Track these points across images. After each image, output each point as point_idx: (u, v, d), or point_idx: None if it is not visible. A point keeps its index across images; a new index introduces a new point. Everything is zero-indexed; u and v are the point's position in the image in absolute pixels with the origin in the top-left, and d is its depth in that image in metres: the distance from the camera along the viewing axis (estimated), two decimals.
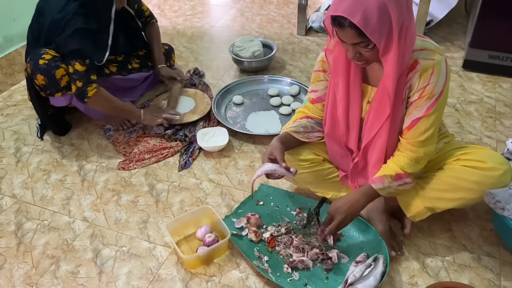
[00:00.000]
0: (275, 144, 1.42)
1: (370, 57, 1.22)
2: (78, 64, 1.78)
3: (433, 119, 1.29)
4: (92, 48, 1.82)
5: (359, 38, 1.15)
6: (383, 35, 1.13)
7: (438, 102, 1.27)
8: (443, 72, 1.25)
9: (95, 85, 1.84)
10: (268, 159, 1.39)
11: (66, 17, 1.76)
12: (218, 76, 2.54)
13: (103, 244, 1.56)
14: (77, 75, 1.79)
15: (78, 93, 1.83)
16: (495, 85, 2.37)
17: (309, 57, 2.70)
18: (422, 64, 1.24)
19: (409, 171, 1.33)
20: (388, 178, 1.33)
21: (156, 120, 2.05)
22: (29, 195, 1.77)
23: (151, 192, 1.77)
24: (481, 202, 1.39)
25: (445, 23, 2.97)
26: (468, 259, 1.47)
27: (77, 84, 1.80)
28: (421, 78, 1.25)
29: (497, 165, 1.34)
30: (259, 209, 1.63)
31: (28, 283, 1.44)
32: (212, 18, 3.29)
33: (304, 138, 1.52)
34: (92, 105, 1.91)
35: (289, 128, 1.50)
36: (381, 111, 1.31)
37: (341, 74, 1.35)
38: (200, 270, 1.46)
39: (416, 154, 1.33)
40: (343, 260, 1.44)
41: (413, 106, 1.30)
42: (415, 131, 1.31)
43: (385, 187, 1.35)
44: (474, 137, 2.00)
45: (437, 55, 1.25)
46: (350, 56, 1.23)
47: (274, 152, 1.39)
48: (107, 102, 1.93)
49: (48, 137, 2.09)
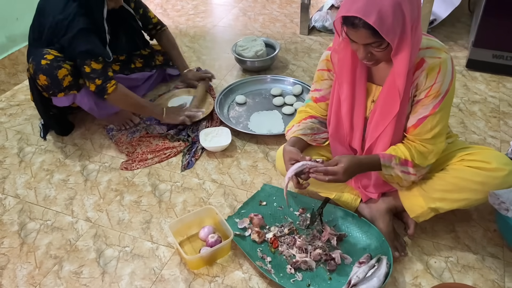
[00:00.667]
0: (289, 149, 1.40)
1: (381, 57, 1.21)
2: (94, 63, 1.79)
3: (439, 117, 1.29)
4: (100, 45, 1.83)
5: (373, 38, 1.14)
6: (396, 34, 1.13)
7: (444, 100, 1.27)
8: (449, 70, 1.25)
9: (114, 81, 1.85)
10: (290, 165, 1.35)
11: (68, 18, 1.76)
12: (221, 75, 2.54)
13: (106, 244, 1.56)
14: (95, 73, 1.80)
15: (98, 90, 1.83)
16: (499, 85, 2.35)
17: (312, 57, 2.69)
18: (429, 62, 1.24)
19: (416, 161, 1.33)
20: (397, 159, 1.33)
21: (178, 118, 2.04)
22: (32, 195, 1.77)
23: (154, 192, 1.77)
24: (485, 203, 1.38)
25: (449, 22, 2.96)
26: (472, 260, 1.47)
27: (96, 82, 1.81)
28: (428, 77, 1.24)
29: (502, 166, 1.34)
30: (262, 209, 1.63)
31: (32, 283, 1.44)
32: (215, 18, 3.28)
33: (311, 141, 1.51)
34: (113, 102, 1.91)
35: (296, 131, 1.49)
36: (388, 109, 1.31)
37: (346, 74, 1.34)
38: (203, 270, 1.46)
39: (425, 149, 1.33)
40: (346, 261, 1.44)
41: (420, 105, 1.29)
42: (422, 128, 1.31)
43: (390, 166, 1.34)
44: (478, 137, 1.99)
45: (443, 53, 1.25)
46: (361, 56, 1.22)
47: (293, 156, 1.36)
48: (126, 98, 1.94)
49: (51, 137, 2.09)
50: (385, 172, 1.36)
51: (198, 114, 2.09)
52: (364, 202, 1.56)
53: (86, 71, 1.80)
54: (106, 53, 1.86)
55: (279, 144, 1.97)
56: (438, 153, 1.36)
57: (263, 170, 1.86)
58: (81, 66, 1.80)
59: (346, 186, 1.59)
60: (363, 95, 1.37)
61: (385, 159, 1.34)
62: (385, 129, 1.34)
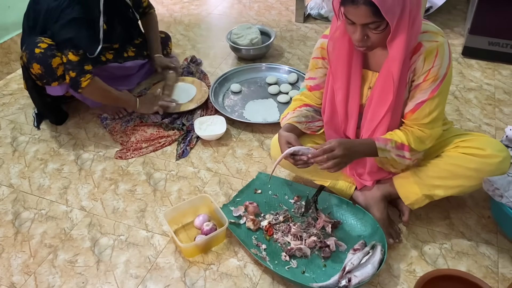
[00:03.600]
0: (285, 134, 1.40)
1: (376, 40, 1.19)
2: (71, 54, 1.76)
3: (437, 101, 1.28)
4: (86, 39, 1.80)
5: (372, 17, 1.12)
6: (396, 14, 1.11)
7: (442, 84, 1.26)
8: (447, 54, 1.24)
9: (89, 75, 1.82)
10: (287, 147, 1.35)
11: (62, 5, 1.74)
12: (216, 64, 2.52)
13: (101, 233, 1.56)
14: (70, 65, 1.78)
15: (72, 83, 1.81)
16: (494, 72, 2.35)
17: (307, 45, 2.68)
18: (426, 46, 1.23)
19: (413, 146, 1.33)
20: (393, 143, 1.33)
21: (152, 108, 2.04)
22: (26, 185, 1.76)
23: (149, 181, 1.76)
24: (479, 190, 1.39)
25: (445, 9, 2.94)
26: (466, 246, 1.48)
27: (71, 74, 1.79)
28: (426, 61, 1.24)
29: (496, 152, 1.34)
30: (257, 197, 1.63)
31: (26, 272, 1.44)
32: (210, 5, 3.25)
33: (306, 129, 1.50)
34: (87, 95, 1.90)
35: (291, 119, 1.48)
36: (385, 96, 1.30)
37: (342, 62, 1.33)
38: (198, 258, 1.46)
39: (423, 133, 1.33)
40: (341, 248, 1.44)
41: (418, 89, 1.29)
42: (420, 113, 1.30)
43: (386, 149, 1.34)
44: (473, 125, 1.99)
45: (440, 37, 1.24)
46: (356, 38, 1.18)
47: (289, 139, 1.36)
48: (102, 92, 1.92)
49: (45, 126, 2.07)
50: (380, 154, 1.35)
51: (172, 104, 2.08)
52: (358, 190, 1.57)
53: (63, 61, 1.78)
54: (90, 48, 1.82)
55: (274, 132, 1.96)
56: (435, 138, 1.36)
57: (258, 158, 1.86)
58: (61, 55, 1.78)
59: (340, 173, 1.59)
60: (358, 82, 1.36)
61: (380, 143, 1.33)
62: (383, 117, 1.33)
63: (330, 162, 1.27)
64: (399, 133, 1.34)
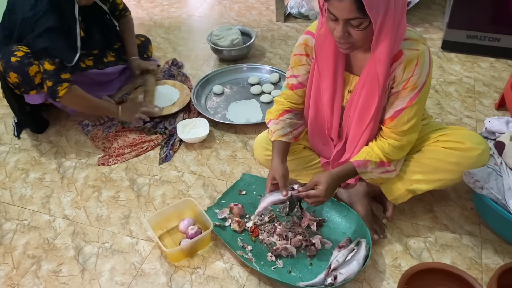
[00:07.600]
0: (276, 167, 1.40)
1: (358, 39, 1.17)
2: (47, 64, 1.74)
3: (416, 109, 1.28)
4: (62, 48, 1.78)
5: (356, 12, 1.10)
6: (379, 13, 1.10)
7: (421, 92, 1.26)
8: (427, 63, 1.24)
9: (66, 84, 1.79)
10: (271, 185, 1.40)
11: (37, 15, 1.72)
12: (197, 66, 2.51)
13: (85, 241, 1.54)
14: (47, 74, 1.76)
15: (49, 92, 1.80)
16: (473, 65, 2.38)
17: (288, 44, 2.68)
18: (407, 55, 1.22)
19: (393, 158, 1.34)
20: (373, 164, 1.33)
21: (134, 116, 2.02)
22: (8, 195, 1.74)
23: (132, 186, 1.75)
24: (462, 182, 1.40)
25: (424, 4, 2.97)
26: (450, 239, 1.49)
27: (48, 84, 1.77)
28: (406, 69, 1.23)
29: (475, 145, 1.35)
30: (242, 199, 1.62)
31: (9, 284, 1.42)
32: (190, 8, 3.24)
33: (291, 140, 1.48)
34: (66, 104, 1.88)
35: (277, 134, 1.45)
36: (371, 99, 1.28)
37: (329, 61, 1.30)
38: (184, 262, 1.45)
39: (400, 143, 1.33)
40: (326, 246, 1.44)
41: (396, 97, 1.28)
42: (398, 121, 1.30)
43: (368, 172, 1.35)
44: (454, 118, 2.01)
45: (421, 45, 1.23)
46: (338, 34, 1.16)
47: (276, 175, 1.38)
48: (81, 100, 1.89)
49: (25, 136, 2.04)
50: (365, 178, 1.37)
51: (155, 110, 2.06)
52: (342, 187, 1.57)
53: (40, 70, 1.76)
54: (66, 56, 1.80)
55: (257, 133, 1.95)
56: (412, 143, 1.37)
57: (242, 159, 1.85)
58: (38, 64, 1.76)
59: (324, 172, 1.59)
60: (341, 84, 1.35)
61: (361, 167, 1.34)
62: (370, 121, 1.32)
63: (311, 202, 1.35)
64: (375, 149, 1.34)
